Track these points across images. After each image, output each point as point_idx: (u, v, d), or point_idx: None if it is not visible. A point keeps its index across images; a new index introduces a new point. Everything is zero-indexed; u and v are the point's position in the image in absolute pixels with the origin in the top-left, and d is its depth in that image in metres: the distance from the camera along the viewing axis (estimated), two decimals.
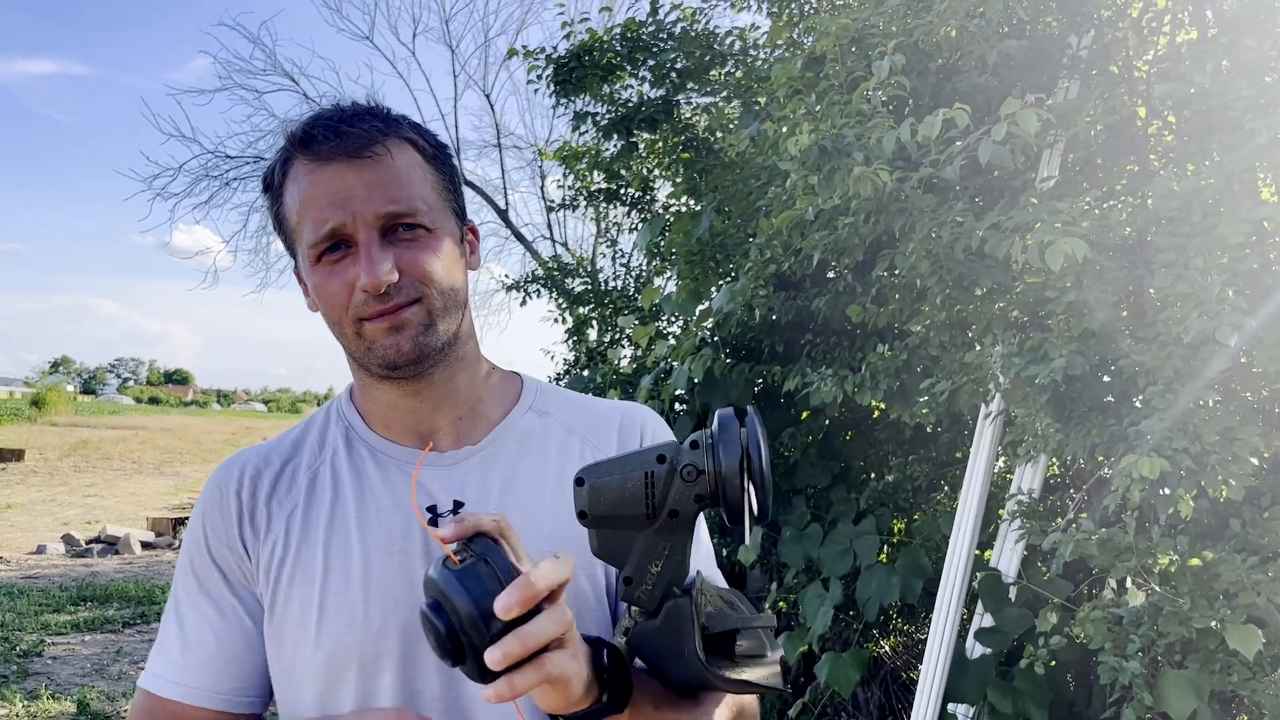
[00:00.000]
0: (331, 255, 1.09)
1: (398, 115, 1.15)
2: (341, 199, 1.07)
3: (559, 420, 1.25)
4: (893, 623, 5.07)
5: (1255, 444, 2.62)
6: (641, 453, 0.94)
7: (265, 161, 7.15)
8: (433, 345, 1.11)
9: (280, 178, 1.13)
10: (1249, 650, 2.59)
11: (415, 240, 1.10)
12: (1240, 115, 2.60)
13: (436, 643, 0.84)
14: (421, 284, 1.09)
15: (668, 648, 0.96)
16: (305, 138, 1.09)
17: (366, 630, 1.10)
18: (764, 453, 0.91)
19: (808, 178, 2.85)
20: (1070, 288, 2.89)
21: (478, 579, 0.83)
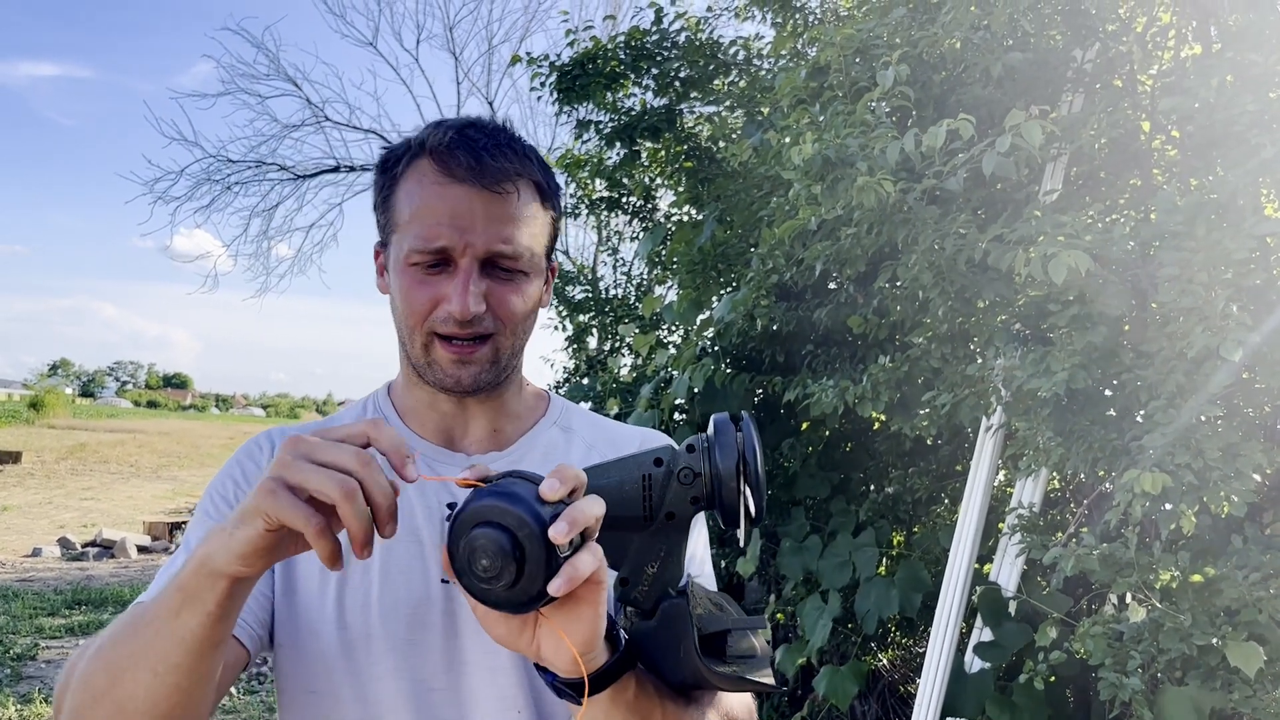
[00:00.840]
0: (429, 269, 1.11)
1: (530, 151, 1.18)
2: (460, 224, 1.09)
3: (582, 437, 1.29)
4: (891, 636, 5.05)
5: (1258, 460, 2.61)
6: (638, 456, 0.95)
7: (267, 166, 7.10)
8: (489, 380, 1.16)
9: (404, 168, 1.14)
10: (1250, 668, 2.57)
11: (510, 281, 1.13)
12: (1245, 130, 2.60)
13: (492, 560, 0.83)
14: (501, 322, 1.13)
15: (664, 647, 0.97)
16: (446, 151, 1.11)
17: (378, 613, 1.12)
18: (759, 456, 0.92)
19: (811, 187, 2.85)
20: (1073, 301, 2.88)
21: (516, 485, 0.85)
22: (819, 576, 4.21)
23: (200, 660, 0.88)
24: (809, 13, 4.68)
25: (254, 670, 6.72)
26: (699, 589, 1.02)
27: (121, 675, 0.89)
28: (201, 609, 0.85)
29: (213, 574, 0.83)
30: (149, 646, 0.88)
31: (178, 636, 0.86)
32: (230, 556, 0.82)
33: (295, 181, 13.08)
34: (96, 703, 0.91)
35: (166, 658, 0.87)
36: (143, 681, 0.88)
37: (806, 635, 4.15)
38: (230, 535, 0.81)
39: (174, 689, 0.88)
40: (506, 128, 1.18)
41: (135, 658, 0.89)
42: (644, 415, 4.90)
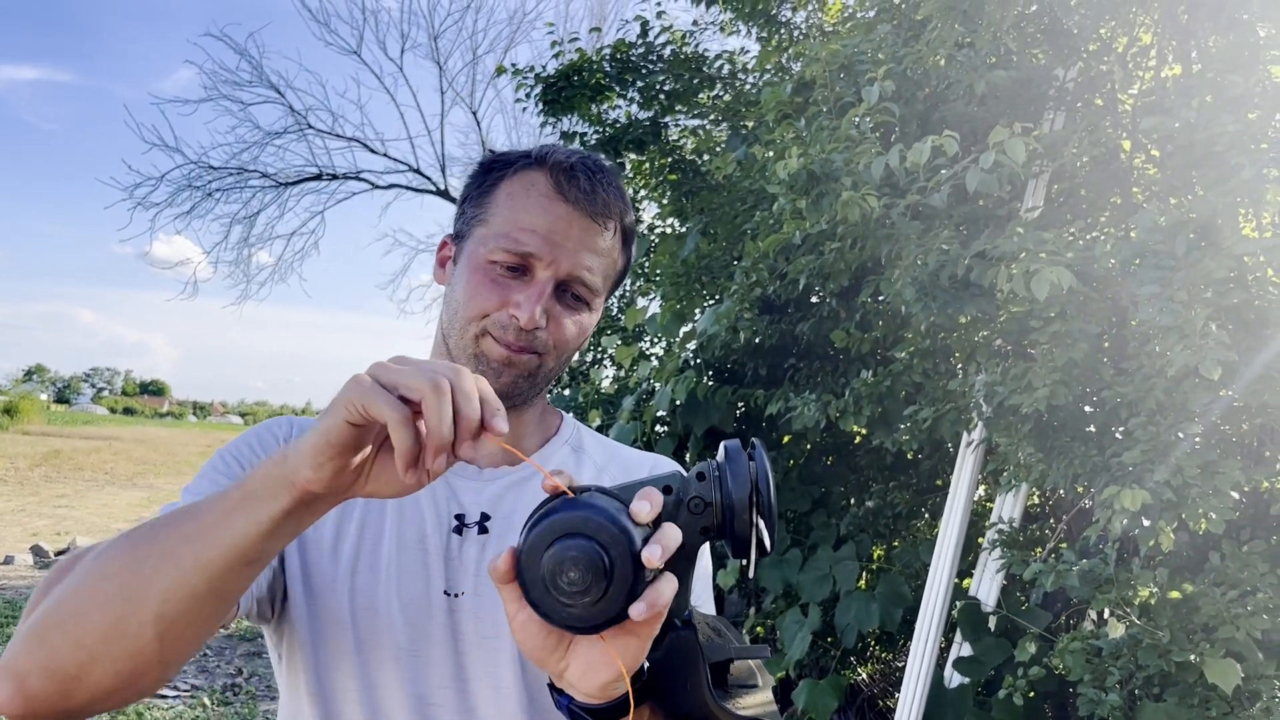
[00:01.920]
0: (507, 270, 1.13)
1: (628, 199, 1.22)
2: (555, 239, 1.12)
3: (592, 459, 1.30)
4: (870, 650, 5.05)
5: (1236, 478, 2.63)
6: (645, 483, 0.92)
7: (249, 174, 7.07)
8: (522, 393, 1.17)
9: (513, 172, 1.16)
10: (1227, 685, 2.59)
11: (575, 309, 1.16)
12: (1225, 151, 2.62)
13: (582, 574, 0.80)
14: (553, 343, 1.15)
15: (671, 680, 0.94)
16: (567, 171, 1.14)
17: (384, 619, 1.11)
18: (772, 486, 0.90)
19: (796, 202, 2.86)
20: (1055, 318, 2.90)
21: (604, 501, 0.83)
22: (799, 590, 4.21)
23: (234, 573, 0.83)
24: (794, 28, 4.70)
25: (228, 682, 6.65)
26: (699, 616, 1.00)
27: (141, 564, 0.83)
28: (257, 514, 0.81)
29: (283, 478, 0.80)
30: (186, 541, 0.82)
31: (220, 538, 0.81)
32: (306, 454, 0.79)
33: (277, 189, 13.03)
34: (103, 582, 0.84)
35: (200, 556, 0.82)
36: (165, 574, 0.82)
37: (786, 648, 4.15)
38: (313, 434, 0.79)
39: (194, 593, 0.83)
40: (617, 171, 1.24)
41: (165, 550, 0.83)
42: (626, 427, 4.89)
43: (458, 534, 1.16)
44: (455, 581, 1.13)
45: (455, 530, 1.16)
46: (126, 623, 0.82)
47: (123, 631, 0.82)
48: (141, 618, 0.82)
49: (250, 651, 7.53)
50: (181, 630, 0.84)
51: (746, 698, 0.98)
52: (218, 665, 7.08)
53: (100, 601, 0.83)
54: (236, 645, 7.73)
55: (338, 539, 1.14)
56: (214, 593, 0.83)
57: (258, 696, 6.36)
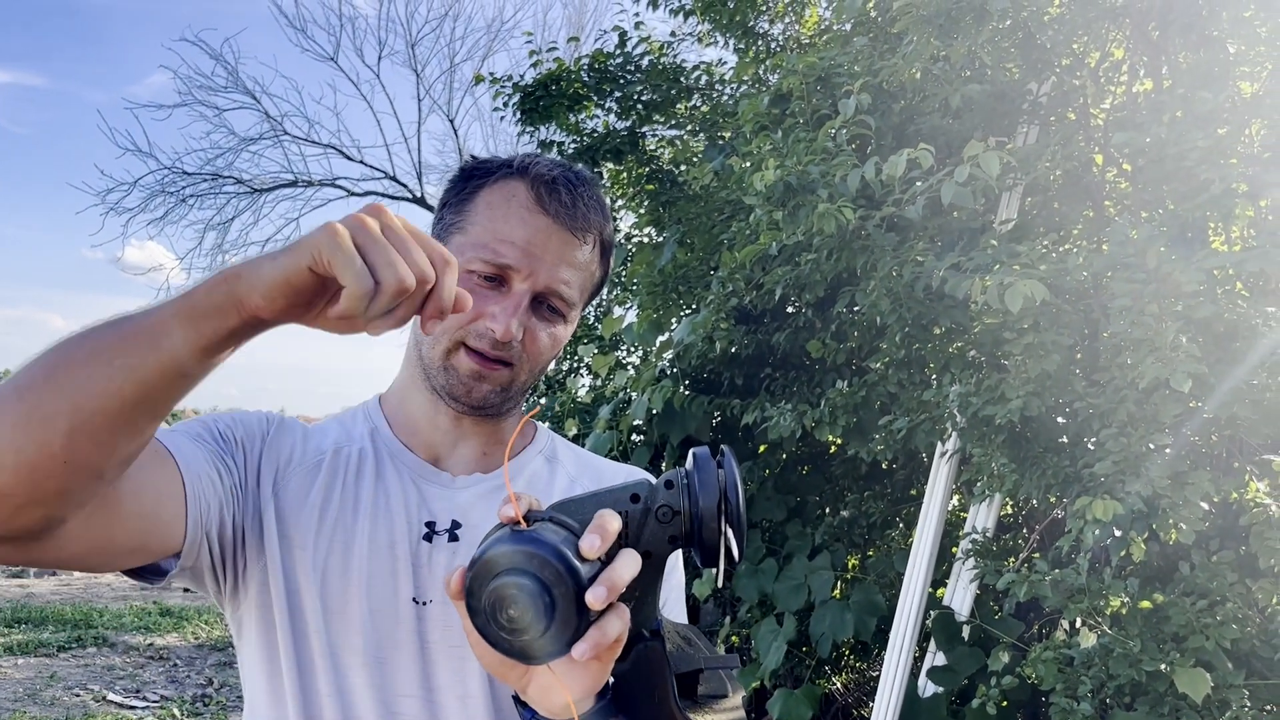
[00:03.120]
0: (484, 280, 1.12)
1: (609, 213, 1.21)
2: (534, 253, 1.11)
3: (565, 469, 1.29)
4: (845, 659, 5.06)
5: (1205, 488, 2.66)
6: (614, 490, 0.91)
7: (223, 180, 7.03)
8: (495, 403, 1.17)
9: (493, 181, 1.16)
10: (1197, 694, 2.61)
11: (550, 322, 1.15)
12: (1195, 165, 2.66)
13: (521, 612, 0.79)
14: (527, 356, 1.15)
15: (638, 691, 0.93)
16: (548, 183, 1.13)
17: (356, 624, 1.10)
18: (741, 494, 0.89)
19: (772, 213, 2.87)
20: (1028, 329, 2.92)
21: (554, 534, 0.81)
22: (774, 599, 4.21)
23: (163, 383, 0.79)
24: (771, 39, 4.72)
25: (198, 692, 6.58)
26: (669, 625, 0.98)
27: (70, 356, 0.79)
28: (200, 329, 0.77)
29: (231, 297, 0.76)
30: (120, 340, 0.78)
31: (157, 344, 0.77)
32: (258, 287, 0.75)
33: (252, 195, 12.95)
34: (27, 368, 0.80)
35: (131, 359, 0.77)
36: (91, 368, 0.78)
37: (760, 658, 4.15)
38: (271, 261, 0.75)
39: (117, 393, 0.78)
40: (598, 183, 1.21)
41: (97, 346, 0.79)
42: (602, 436, 4.88)
43: (428, 541, 1.15)
44: (424, 589, 1.12)
45: (425, 537, 1.15)
46: (41, 408, 0.78)
47: (34, 416, 0.77)
48: (55, 407, 0.78)
49: (221, 661, 7.46)
50: (95, 432, 0.79)
51: (715, 708, 0.98)
52: (188, 675, 7.00)
53: (18, 385, 0.79)
54: (207, 655, 7.65)
55: (308, 538, 1.13)
56: (138, 400, 0.79)
57: (228, 707, 6.29)
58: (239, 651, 1.18)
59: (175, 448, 1.03)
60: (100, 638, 8.19)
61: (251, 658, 1.14)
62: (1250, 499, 2.91)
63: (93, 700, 6.31)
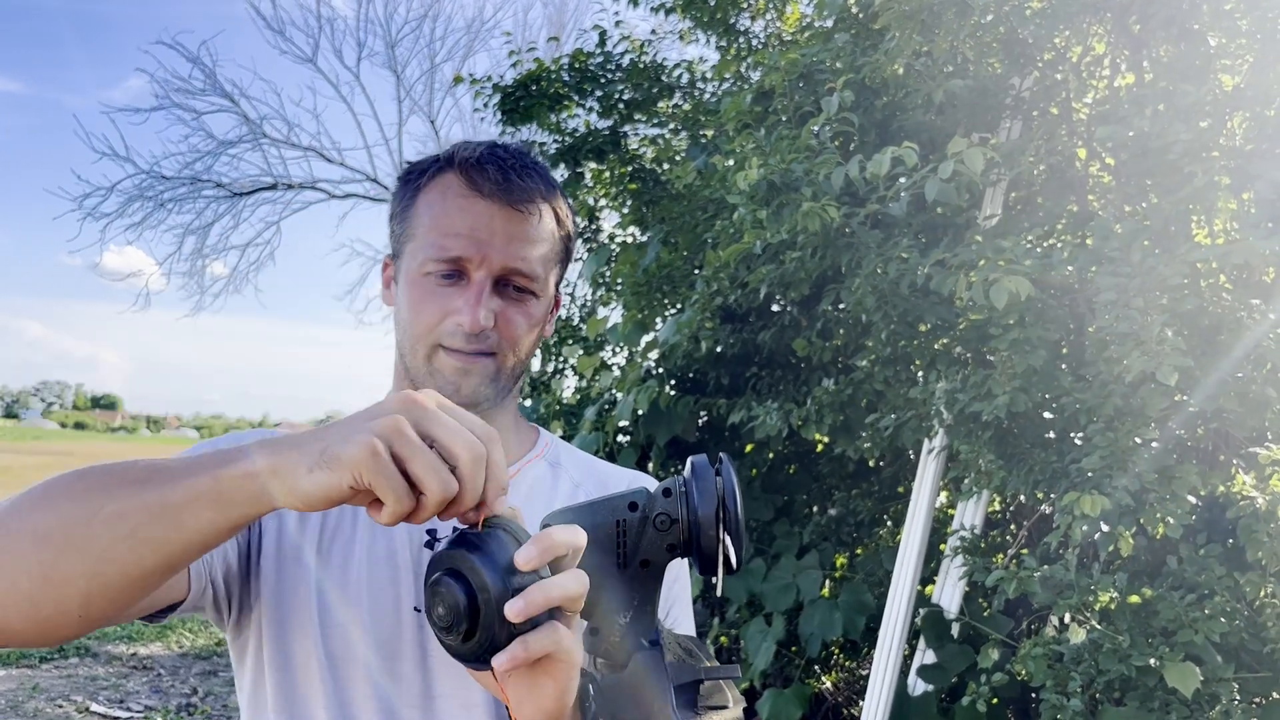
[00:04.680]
0: (442, 279, 1.11)
1: (553, 179, 1.19)
2: (480, 238, 1.09)
3: (569, 475, 1.27)
4: (834, 658, 5.06)
5: (1193, 482, 2.66)
6: (611, 499, 0.91)
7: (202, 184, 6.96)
8: (487, 395, 1.14)
9: (427, 180, 1.15)
10: (1187, 688, 2.61)
11: (520, 302, 1.13)
12: (1178, 159, 2.65)
13: (447, 612, 0.78)
14: (505, 342, 1.13)
15: (636, 702, 0.92)
16: (475, 165, 1.11)
17: (357, 635, 1.09)
18: (739, 502, 0.89)
19: (756, 212, 2.85)
20: (1013, 325, 2.92)
21: (498, 542, 0.80)
22: (762, 599, 4.20)
23: (187, 557, 0.79)
24: (752, 36, 4.71)
25: (183, 702, 6.52)
26: (670, 636, 0.97)
27: (93, 515, 0.77)
28: (227, 515, 0.77)
29: (264, 494, 0.76)
30: (147, 512, 0.77)
31: (182, 523, 0.77)
32: (295, 495, 0.75)
33: (231, 199, 12.84)
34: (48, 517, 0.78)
35: (155, 534, 0.77)
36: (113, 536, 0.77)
37: (750, 658, 4.13)
38: (308, 473, 0.74)
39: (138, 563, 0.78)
40: (530, 152, 1.18)
41: (122, 511, 0.77)
42: (588, 437, 4.86)
43: (429, 548, 1.13)
44: None
45: (427, 544, 1.14)
46: (59, 568, 0.77)
47: (51, 576, 0.77)
48: (76, 569, 0.77)
49: (206, 671, 7.40)
50: (112, 594, 0.79)
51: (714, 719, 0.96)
52: (172, 685, 6.94)
53: (36, 532, 0.78)
54: (191, 664, 7.59)
55: (307, 551, 1.12)
56: (159, 569, 0.79)
57: (213, 716, 6.24)
58: (238, 673, 1.16)
59: None
60: (83, 647, 8.11)
61: (249, 672, 1.12)
62: (1237, 492, 2.92)
63: (76, 711, 6.24)
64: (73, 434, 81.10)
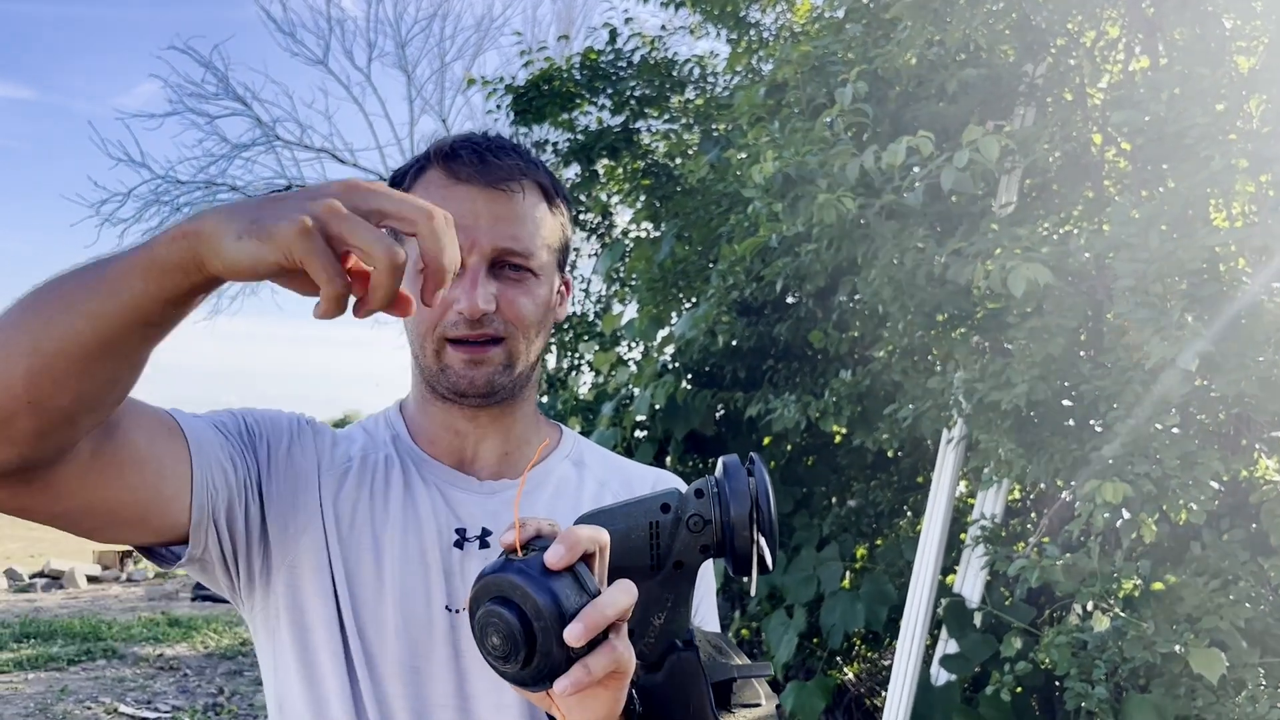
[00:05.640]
0: None
1: (534, 157, 1.17)
2: (465, 223, 1.06)
3: (594, 474, 1.27)
4: (856, 649, 5.06)
5: (1215, 468, 2.64)
6: (644, 501, 0.91)
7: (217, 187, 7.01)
8: (503, 384, 1.13)
9: (410, 180, 1.14)
10: (1213, 674, 2.59)
11: (520, 281, 1.11)
12: (1195, 143, 2.64)
13: (503, 641, 0.79)
14: (512, 324, 1.11)
15: (673, 702, 0.93)
16: (449, 154, 1.11)
17: (391, 633, 1.09)
18: (772, 502, 0.89)
19: (772, 205, 2.85)
20: (1031, 313, 2.91)
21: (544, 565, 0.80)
22: (783, 592, 4.20)
23: (128, 330, 0.78)
24: (763, 29, 4.70)
25: (210, 701, 6.57)
26: (700, 634, 0.98)
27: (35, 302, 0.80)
28: (159, 283, 0.76)
29: (191, 257, 0.74)
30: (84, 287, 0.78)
31: (119, 291, 0.77)
32: (220, 260, 0.73)
33: None
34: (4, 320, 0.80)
35: (93, 304, 0.77)
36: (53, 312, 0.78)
37: (772, 651, 4.14)
38: (235, 240, 0.72)
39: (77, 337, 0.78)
40: (511, 137, 1.18)
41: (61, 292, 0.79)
42: (605, 433, 4.87)
43: (459, 548, 1.13)
44: (457, 597, 1.11)
45: (456, 544, 1.14)
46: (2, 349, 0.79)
47: None
48: (17, 346, 0.79)
49: (231, 670, 7.46)
50: (56, 374, 0.79)
51: (748, 717, 0.97)
52: (198, 685, 7.00)
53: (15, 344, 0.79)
54: (217, 664, 7.65)
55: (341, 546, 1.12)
56: (99, 344, 0.79)
57: (239, 716, 6.29)
58: (261, 652, 1.16)
59: (190, 429, 1.03)
60: (110, 650, 8.18)
61: (282, 660, 1.12)
62: (1260, 476, 2.90)
63: (105, 713, 6.30)
64: None
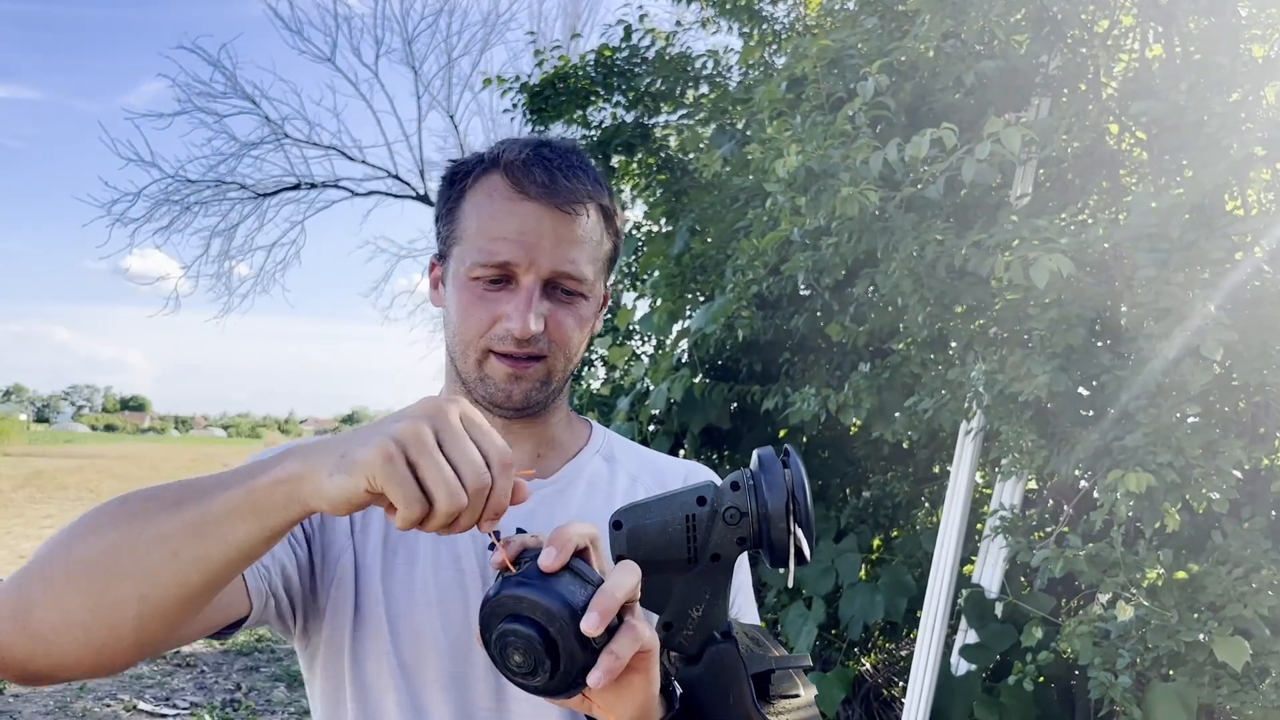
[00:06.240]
0: (490, 284, 1.09)
1: (601, 176, 1.17)
2: (528, 241, 1.07)
3: (625, 469, 1.27)
4: (874, 640, 5.07)
5: (1237, 456, 2.64)
6: (679, 494, 0.92)
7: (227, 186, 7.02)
8: (539, 399, 1.14)
9: (472, 181, 1.13)
10: (1237, 662, 2.60)
11: (570, 304, 1.12)
12: (1215, 132, 2.63)
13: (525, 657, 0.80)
14: (556, 345, 1.12)
15: (712, 695, 0.93)
16: (521, 167, 1.09)
17: (429, 642, 1.09)
18: (808, 493, 0.90)
19: (795, 199, 2.85)
20: (1050, 304, 2.91)
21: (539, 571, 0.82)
22: (802, 584, 4.22)
23: (230, 570, 0.81)
24: (776, 22, 4.69)
25: (227, 697, 6.60)
26: (737, 626, 0.98)
27: (137, 540, 0.80)
28: (263, 523, 0.79)
29: (294, 498, 0.78)
30: (187, 530, 0.79)
31: (222, 537, 0.79)
32: (321, 498, 0.77)
33: (256, 200, 12.92)
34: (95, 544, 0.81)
35: (198, 551, 0.79)
36: (158, 558, 0.80)
37: (791, 643, 4.15)
38: (329, 477, 0.76)
39: (184, 583, 0.80)
40: (578, 150, 1.16)
41: (164, 533, 0.80)
42: (621, 427, 4.89)
43: (493, 551, 1.14)
44: None
45: (490, 547, 1.14)
46: (109, 594, 0.80)
47: (102, 602, 0.80)
48: (125, 593, 0.80)
49: (248, 666, 7.49)
50: (164, 616, 0.81)
51: (789, 708, 0.97)
52: (216, 681, 7.04)
53: (87, 559, 0.81)
54: (234, 660, 7.68)
55: (371, 560, 1.12)
56: (206, 585, 0.82)
57: (257, 711, 6.32)
58: (309, 682, 1.17)
59: None
60: None
61: (320, 681, 1.13)
62: None
63: (124, 710, 6.34)
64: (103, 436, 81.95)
